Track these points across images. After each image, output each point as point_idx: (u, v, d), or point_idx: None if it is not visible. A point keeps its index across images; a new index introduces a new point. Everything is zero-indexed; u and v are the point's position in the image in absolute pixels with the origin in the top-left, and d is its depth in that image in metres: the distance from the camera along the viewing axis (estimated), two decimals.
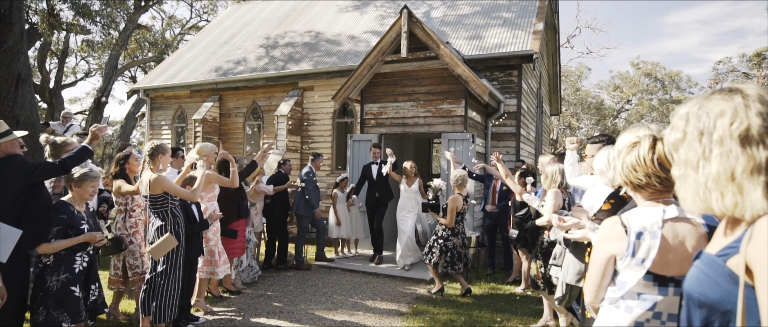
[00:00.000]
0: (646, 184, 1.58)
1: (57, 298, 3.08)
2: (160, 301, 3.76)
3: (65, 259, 3.16)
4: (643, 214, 1.57)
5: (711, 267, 1.04)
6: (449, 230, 5.57)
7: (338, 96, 8.19)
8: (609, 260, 1.60)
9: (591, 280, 1.68)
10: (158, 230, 3.80)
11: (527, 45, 8.80)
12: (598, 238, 1.64)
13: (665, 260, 1.51)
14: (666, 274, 1.53)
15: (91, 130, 3.38)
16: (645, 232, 1.53)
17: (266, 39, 12.73)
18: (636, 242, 1.53)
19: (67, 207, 3.23)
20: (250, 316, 4.75)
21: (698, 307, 1.06)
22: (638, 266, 1.53)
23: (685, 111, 1.13)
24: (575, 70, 30.71)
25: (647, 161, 1.56)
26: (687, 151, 1.10)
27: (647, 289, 1.54)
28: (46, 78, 20.37)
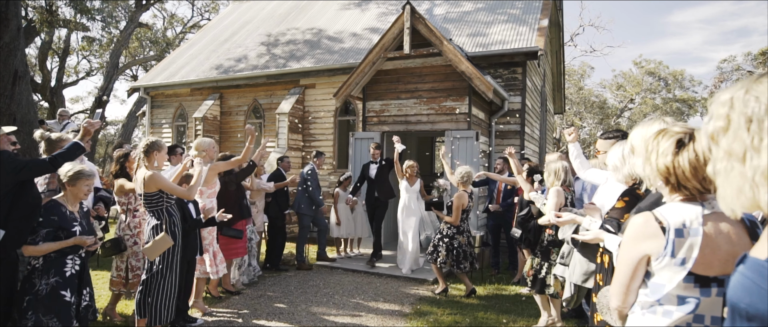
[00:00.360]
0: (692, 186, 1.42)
1: (46, 303, 2.94)
2: (156, 302, 3.64)
3: (55, 262, 3.02)
4: (681, 211, 1.42)
5: (759, 273, 0.91)
6: (455, 228, 5.45)
7: (340, 93, 8.07)
8: (641, 261, 1.45)
9: (619, 283, 1.52)
10: (153, 230, 3.69)
11: (532, 42, 8.66)
12: (628, 237, 1.48)
13: (708, 260, 1.37)
14: (708, 275, 1.38)
15: (83, 125, 3.27)
16: (685, 229, 1.38)
17: (267, 36, 12.62)
18: (676, 241, 1.38)
19: (58, 207, 3.09)
20: (250, 318, 4.64)
21: (747, 320, 0.93)
22: (678, 267, 1.38)
23: (729, 96, 1.00)
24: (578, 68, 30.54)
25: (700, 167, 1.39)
26: (732, 141, 0.97)
27: (688, 292, 1.39)
28: (48, 77, 20.31)
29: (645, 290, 1.48)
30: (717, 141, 1.02)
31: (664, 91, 29.35)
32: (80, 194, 3.14)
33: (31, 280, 2.97)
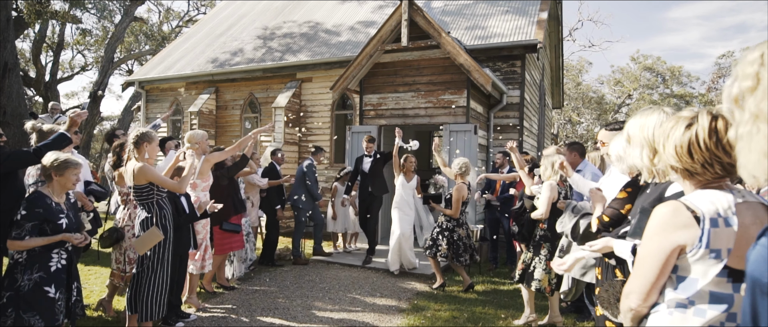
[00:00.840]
0: (702, 172, 1.33)
1: (28, 300, 2.81)
2: (147, 297, 3.55)
3: (40, 257, 2.90)
4: (713, 198, 1.30)
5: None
6: (454, 221, 5.38)
7: (337, 86, 7.97)
8: (673, 253, 1.29)
9: (643, 280, 1.36)
10: (143, 223, 3.59)
11: (531, 35, 8.57)
12: (656, 228, 1.33)
13: (742, 251, 1.24)
14: (742, 268, 1.26)
15: (69, 116, 3.17)
16: (720, 219, 1.26)
17: (263, 30, 12.48)
18: (712, 231, 1.25)
19: (43, 199, 2.96)
20: (245, 313, 4.56)
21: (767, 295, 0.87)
22: (713, 260, 1.26)
23: (759, 53, 0.91)
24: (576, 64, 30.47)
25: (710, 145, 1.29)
26: (760, 100, 0.89)
27: (721, 287, 1.27)
28: (42, 71, 20.09)
29: (672, 287, 1.34)
30: (742, 103, 0.94)
31: (661, 86, 29.32)
32: (68, 184, 3.03)
33: (13, 275, 2.84)
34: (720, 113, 1.31)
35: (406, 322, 4.37)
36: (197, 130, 4.61)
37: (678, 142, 1.35)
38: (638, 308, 1.39)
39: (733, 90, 0.96)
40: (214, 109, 11.31)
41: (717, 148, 1.29)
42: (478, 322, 4.41)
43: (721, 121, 1.30)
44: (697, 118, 1.34)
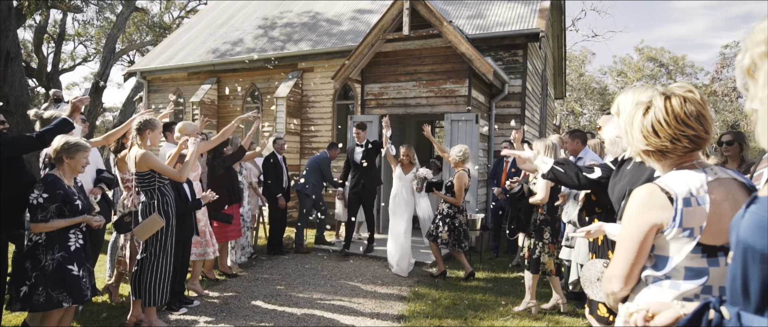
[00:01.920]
0: (674, 148, 1.37)
1: (54, 278, 2.89)
2: (150, 283, 3.60)
3: (58, 237, 2.96)
4: (686, 179, 1.34)
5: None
6: (456, 208, 5.38)
7: (338, 76, 7.96)
8: (650, 232, 1.34)
9: (624, 260, 1.39)
10: (144, 210, 3.63)
11: (533, 23, 8.51)
12: (633, 210, 1.38)
13: (715, 228, 1.30)
14: (716, 244, 1.32)
15: (71, 101, 3.19)
16: (692, 198, 1.31)
17: (265, 20, 12.44)
18: (684, 210, 1.30)
19: (59, 181, 3.00)
20: (247, 300, 4.61)
21: (761, 261, 0.88)
22: (687, 238, 1.31)
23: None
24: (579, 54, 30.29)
25: (670, 121, 1.35)
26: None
27: (696, 262, 1.32)
28: (44, 62, 20.09)
29: (650, 265, 1.39)
30: (755, 73, 0.94)
31: (665, 77, 29.15)
32: (78, 167, 3.06)
33: (36, 255, 2.90)
34: (672, 92, 1.38)
35: (406, 309, 4.41)
36: (188, 121, 4.61)
37: (642, 126, 1.40)
38: (619, 292, 1.42)
39: (745, 61, 0.96)
40: (215, 100, 11.32)
41: (678, 122, 1.35)
42: (479, 309, 4.44)
43: (675, 99, 1.36)
44: (653, 100, 1.39)
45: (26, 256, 2.90)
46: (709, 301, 1.08)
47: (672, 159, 1.41)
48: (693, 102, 1.37)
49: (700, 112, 1.37)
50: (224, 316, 4.17)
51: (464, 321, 4.13)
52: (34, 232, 2.90)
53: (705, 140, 1.38)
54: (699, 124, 1.36)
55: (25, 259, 2.89)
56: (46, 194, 2.90)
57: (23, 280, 2.88)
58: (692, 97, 1.37)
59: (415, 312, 4.34)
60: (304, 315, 4.22)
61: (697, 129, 1.35)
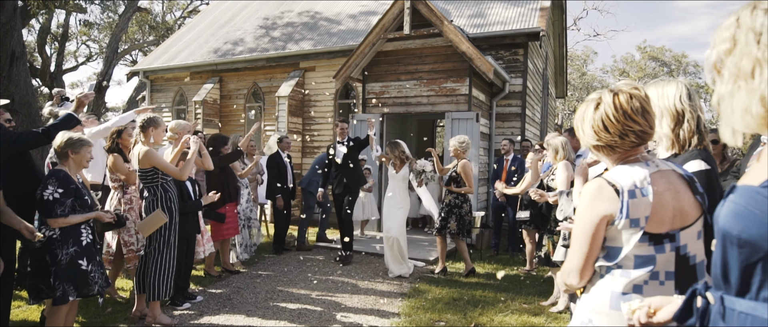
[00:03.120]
0: (622, 142, 1.45)
1: (65, 272, 2.97)
2: (154, 278, 3.66)
3: (72, 233, 3.03)
4: (630, 172, 1.43)
5: (754, 200, 0.92)
6: (461, 197, 5.37)
7: (340, 75, 8.01)
8: (601, 222, 1.41)
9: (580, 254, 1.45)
10: (148, 206, 3.69)
11: (534, 22, 8.55)
12: (584, 204, 1.45)
13: (659, 217, 1.39)
14: (660, 232, 1.41)
15: (77, 96, 3.26)
16: (636, 190, 1.40)
17: (266, 19, 12.50)
18: (630, 202, 1.38)
19: (69, 176, 3.07)
20: (249, 295, 4.67)
21: (738, 246, 0.94)
22: (634, 229, 1.39)
23: (734, 18, 0.98)
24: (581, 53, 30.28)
25: (618, 117, 1.44)
26: (739, 59, 0.94)
27: (644, 250, 1.40)
28: (47, 62, 20.21)
29: (602, 255, 1.46)
30: (720, 68, 0.99)
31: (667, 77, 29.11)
32: (83, 162, 3.13)
33: (53, 250, 2.96)
34: (619, 90, 1.46)
35: (406, 305, 4.46)
36: (181, 121, 4.63)
37: (593, 122, 1.48)
38: (578, 285, 1.50)
39: (712, 57, 1.01)
40: (218, 99, 11.38)
41: (625, 118, 1.43)
42: (478, 305, 4.49)
43: (622, 96, 1.45)
44: (602, 97, 1.48)
45: (44, 251, 2.96)
46: (696, 288, 1.13)
47: (620, 153, 1.49)
48: (638, 98, 1.45)
49: (645, 108, 1.45)
50: (227, 310, 4.23)
51: (464, 316, 4.18)
52: (51, 227, 2.95)
53: (649, 135, 1.47)
54: (644, 120, 1.44)
55: (45, 253, 2.96)
56: (61, 189, 2.96)
57: (46, 273, 2.94)
58: (637, 94, 1.46)
59: (415, 308, 4.39)
60: (305, 311, 4.27)
61: (643, 124, 1.44)
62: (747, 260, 0.93)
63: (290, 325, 3.93)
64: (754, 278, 0.92)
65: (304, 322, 3.99)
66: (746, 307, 0.94)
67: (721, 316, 1.00)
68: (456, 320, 4.09)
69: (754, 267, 0.92)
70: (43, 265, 2.95)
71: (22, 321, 3.78)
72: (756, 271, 0.92)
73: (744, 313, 0.94)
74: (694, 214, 1.45)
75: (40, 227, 2.98)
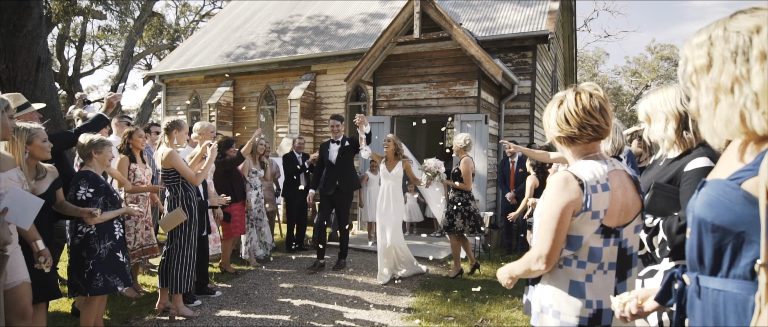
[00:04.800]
0: (581, 134, 1.60)
1: (108, 265, 3.18)
2: (176, 272, 3.85)
3: (106, 228, 3.24)
4: (592, 168, 1.58)
5: (724, 191, 1.05)
6: (467, 194, 5.40)
7: (351, 78, 8.19)
8: (567, 211, 1.54)
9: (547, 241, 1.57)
10: (169, 204, 3.90)
11: (542, 25, 8.65)
12: (551, 195, 1.58)
13: (612, 211, 1.56)
14: (611, 226, 1.57)
15: (106, 98, 3.48)
16: (598, 185, 1.54)
17: (278, 24, 12.74)
18: (592, 196, 1.53)
19: (98, 176, 3.28)
20: (265, 291, 4.85)
21: (711, 231, 1.07)
22: (593, 220, 1.54)
23: (705, 36, 1.09)
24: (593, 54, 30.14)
25: (578, 112, 1.59)
26: (718, 76, 1.05)
27: (596, 242, 1.57)
28: (65, 66, 20.73)
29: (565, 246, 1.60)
30: (697, 81, 1.11)
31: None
32: (105, 161, 3.34)
33: (90, 245, 3.17)
34: (582, 89, 1.63)
35: (416, 301, 4.61)
36: (205, 122, 4.80)
37: (557, 116, 1.65)
38: (543, 272, 1.63)
39: (688, 69, 1.14)
40: (231, 102, 11.64)
41: (584, 113, 1.59)
42: (486, 301, 4.62)
43: (584, 94, 1.61)
44: (566, 95, 1.65)
45: (81, 247, 3.17)
46: (674, 272, 1.28)
47: (579, 146, 1.64)
48: (597, 98, 1.61)
49: (603, 107, 1.61)
50: (244, 305, 4.42)
51: (471, 311, 4.31)
52: (90, 224, 3.15)
53: (605, 131, 1.62)
54: (601, 117, 1.59)
55: (81, 249, 3.16)
56: (92, 189, 3.17)
57: (82, 268, 3.14)
58: (597, 94, 1.62)
59: (424, 303, 4.53)
60: (318, 307, 4.44)
61: (600, 120, 1.59)
62: (719, 243, 1.06)
63: (304, 320, 4.10)
64: (725, 259, 1.05)
65: (318, 318, 4.16)
66: (719, 284, 1.06)
67: (696, 294, 1.13)
68: (465, 316, 4.22)
69: (725, 249, 1.05)
70: (81, 260, 3.15)
71: (54, 312, 4.00)
72: (726, 253, 1.05)
73: (717, 290, 1.07)
74: (635, 210, 1.64)
75: (77, 225, 3.18)
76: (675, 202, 1.82)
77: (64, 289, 3.55)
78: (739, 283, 1.03)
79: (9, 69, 6.60)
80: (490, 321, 4.12)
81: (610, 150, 2.63)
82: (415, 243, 7.31)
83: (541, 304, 1.68)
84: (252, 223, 6.11)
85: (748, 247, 1.00)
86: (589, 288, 1.59)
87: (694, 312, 1.14)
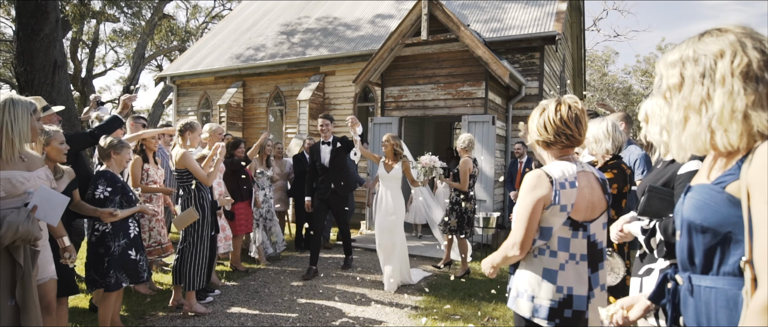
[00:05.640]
0: (555, 141, 1.80)
1: (119, 262, 3.30)
2: (190, 269, 3.96)
3: (122, 226, 3.37)
4: (562, 167, 1.78)
5: (709, 195, 1.11)
6: (463, 194, 5.47)
7: (359, 79, 8.28)
8: (538, 204, 1.74)
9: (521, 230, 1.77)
10: (182, 203, 4.01)
11: (550, 26, 8.67)
12: (525, 190, 1.78)
13: (579, 207, 1.77)
14: (578, 220, 1.78)
15: (122, 100, 3.59)
16: (566, 182, 1.75)
17: (287, 25, 12.88)
18: (560, 191, 1.74)
19: (116, 175, 3.40)
20: (275, 289, 4.95)
21: (701, 232, 1.14)
22: (562, 213, 1.75)
23: (677, 56, 1.17)
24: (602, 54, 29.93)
25: (556, 121, 1.78)
26: (688, 95, 1.13)
27: (565, 233, 1.79)
28: (78, 68, 21.11)
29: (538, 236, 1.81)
30: (670, 97, 1.19)
31: None
32: (123, 162, 3.45)
33: (106, 243, 3.30)
34: (561, 101, 1.82)
35: (423, 299, 4.67)
36: (213, 124, 4.89)
37: (537, 122, 1.85)
38: (518, 258, 1.83)
39: (663, 86, 1.21)
40: (241, 103, 11.79)
41: (561, 123, 1.79)
42: (492, 300, 4.67)
43: (562, 106, 1.81)
44: (548, 106, 1.85)
45: (98, 244, 3.30)
46: (667, 273, 1.34)
47: (554, 150, 1.84)
48: (575, 110, 1.81)
49: (579, 118, 1.80)
50: (255, 302, 4.52)
51: (478, 309, 4.37)
52: (106, 221, 3.28)
53: (578, 140, 1.82)
54: (575, 127, 1.79)
55: (98, 246, 3.30)
56: (109, 188, 3.29)
57: (99, 264, 3.27)
58: (575, 106, 1.82)
59: (430, 302, 4.60)
60: (326, 305, 4.53)
61: (574, 131, 1.79)
62: (709, 244, 1.12)
63: (313, 317, 4.19)
64: (715, 258, 1.12)
65: (326, 315, 4.24)
66: (710, 282, 1.13)
67: (689, 292, 1.20)
68: (471, 315, 4.28)
69: (715, 249, 1.11)
70: (98, 257, 3.27)
71: (72, 308, 4.13)
72: (716, 252, 1.11)
73: (709, 287, 1.13)
74: (601, 208, 1.85)
75: (95, 223, 3.30)
76: (670, 203, 1.88)
77: (81, 286, 3.68)
78: (728, 279, 1.09)
79: (27, 72, 6.79)
80: (497, 320, 4.18)
81: (610, 148, 2.71)
82: (422, 244, 7.37)
83: (518, 289, 1.88)
84: (259, 223, 6.22)
85: (735, 246, 1.07)
86: (562, 275, 1.79)
87: (688, 309, 1.20)
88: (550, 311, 1.78)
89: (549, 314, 1.78)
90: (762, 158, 0.99)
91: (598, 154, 2.76)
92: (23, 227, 2.12)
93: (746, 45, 1.06)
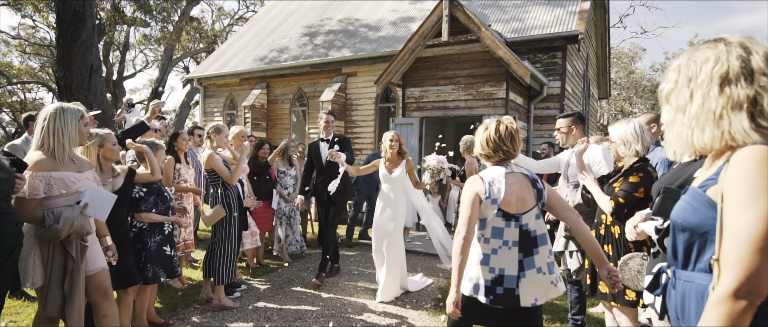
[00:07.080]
0: (494, 155, 2.26)
1: (155, 257, 3.53)
2: (219, 265, 4.15)
3: (157, 223, 3.60)
4: (492, 171, 2.26)
5: (693, 197, 1.22)
6: None
7: (380, 80, 8.39)
8: (475, 199, 2.18)
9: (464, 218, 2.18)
10: (212, 202, 4.21)
11: (572, 26, 8.61)
12: (466, 189, 2.23)
13: (508, 200, 2.19)
14: (510, 211, 2.18)
15: (151, 105, 3.79)
16: (495, 180, 2.21)
17: (310, 27, 13.11)
18: (490, 188, 2.19)
19: None
20: (298, 285, 5.11)
21: (681, 231, 1.25)
22: (492, 205, 2.18)
23: (678, 63, 1.27)
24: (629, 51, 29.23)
25: (494, 138, 2.23)
26: (677, 98, 1.24)
27: (498, 223, 2.20)
28: (110, 71, 21.94)
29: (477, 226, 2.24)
30: (668, 100, 1.29)
31: None
32: (158, 163, 3.65)
33: (143, 239, 3.53)
34: (501, 121, 2.26)
35: (443, 297, 4.75)
36: (236, 127, 5.01)
37: (481, 138, 2.29)
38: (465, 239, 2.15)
39: (664, 90, 1.31)
40: (265, 104, 12.08)
41: (499, 140, 2.23)
42: None
43: (502, 125, 2.24)
44: (490, 124, 2.27)
45: (136, 240, 3.52)
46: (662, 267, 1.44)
47: (494, 160, 2.30)
48: (510, 129, 2.24)
49: (514, 136, 2.24)
50: (279, 298, 4.69)
51: None
52: (140, 221, 3.50)
53: (512, 154, 2.26)
54: (510, 144, 2.24)
55: (136, 242, 3.52)
56: (145, 188, 3.50)
57: (137, 259, 3.49)
58: (511, 125, 2.25)
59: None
60: (349, 300, 4.66)
61: (509, 147, 2.24)
62: (688, 242, 1.24)
63: (336, 313, 4.32)
64: (692, 254, 1.24)
65: (349, 311, 4.37)
66: (687, 276, 1.25)
67: (672, 285, 1.33)
68: None
69: (693, 247, 1.23)
70: (136, 252, 3.49)
71: None
72: (693, 249, 1.23)
73: (686, 281, 1.25)
74: (532, 202, 2.21)
75: (133, 221, 3.52)
76: None
77: None
78: (701, 275, 1.20)
79: (66, 76, 7.16)
80: None
81: (640, 150, 2.71)
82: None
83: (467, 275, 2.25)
84: (282, 221, 6.39)
85: (710, 245, 1.17)
86: (494, 259, 2.19)
87: (670, 299, 1.33)
88: (485, 289, 2.18)
89: (485, 291, 2.17)
90: (736, 165, 1.08)
91: (627, 156, 2.76)
92: (77, 222, 2.36)
93: (731, 53, 1.14)
